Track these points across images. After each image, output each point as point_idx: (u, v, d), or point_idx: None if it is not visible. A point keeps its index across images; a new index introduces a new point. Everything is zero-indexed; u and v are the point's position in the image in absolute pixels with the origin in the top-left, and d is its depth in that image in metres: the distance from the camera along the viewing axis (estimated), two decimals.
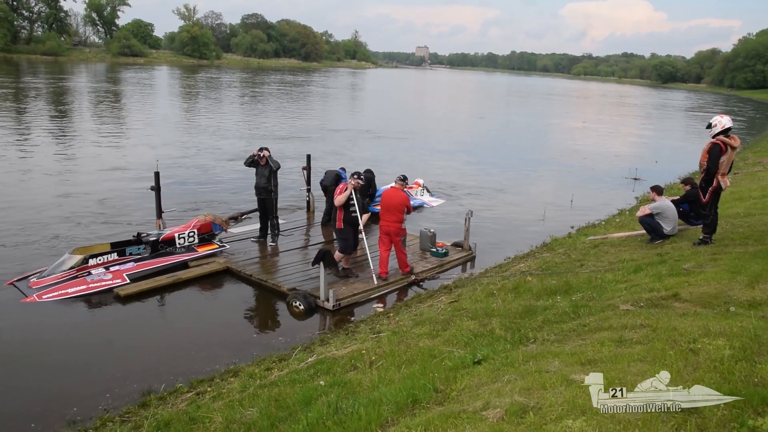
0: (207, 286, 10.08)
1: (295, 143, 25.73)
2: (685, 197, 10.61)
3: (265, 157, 11.30)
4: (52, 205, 14.22)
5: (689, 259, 7.88)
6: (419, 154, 25.45)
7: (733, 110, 63.53)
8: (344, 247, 10.00)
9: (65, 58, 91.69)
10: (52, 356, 7.41)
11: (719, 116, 8.66)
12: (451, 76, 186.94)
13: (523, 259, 11.45)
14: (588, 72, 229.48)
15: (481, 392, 4.20)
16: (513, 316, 6.68)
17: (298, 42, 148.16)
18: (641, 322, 5.14)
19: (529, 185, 20.53)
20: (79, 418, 6.01)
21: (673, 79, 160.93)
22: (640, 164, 23.67)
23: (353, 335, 7.80)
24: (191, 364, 7.29)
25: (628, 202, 17.25)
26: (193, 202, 15.11)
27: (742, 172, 20.02)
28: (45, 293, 9.02)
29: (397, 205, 10.02)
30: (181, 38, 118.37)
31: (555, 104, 70.87)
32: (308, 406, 4.96)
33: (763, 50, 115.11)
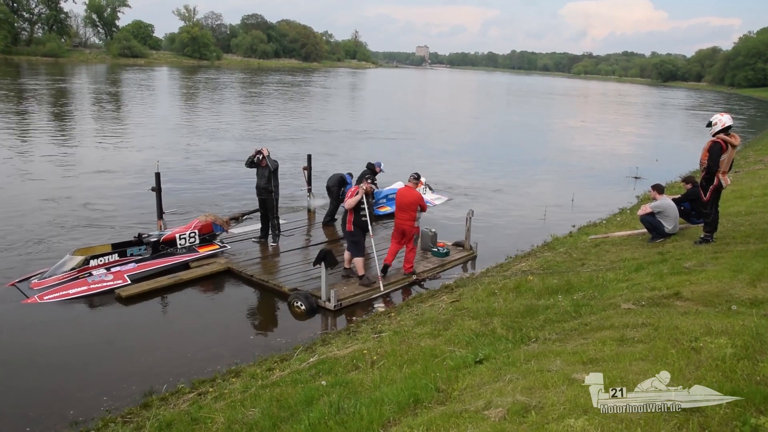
0: (208, 286, 10.08)
1: (288, 144, 25.75)
2: (687, 196, 10.59)
3: (264, 157, 11.31)
4: (50, 207, 14.23)
5: (690, 258, 7.87)
6: (417, 153, 25.39)
7: (734, 108, 63.46)
8: (357, 251, 9.92)
9: (66, 60, 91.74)
10: (53, 357, 7.41)
11: (719, 114, 8.66)
12: (451, 75, 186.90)
13: (524, 259, 11.44)
14: (588, 71, 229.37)
15: (482, 392, 4.20)
16: (514, 315, 6.68)
17: (298, 42, 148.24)
18: (643, 321, 5.13)
19: (529, 185, 20.51)
20: (80, 419, 6.01)
21: (674, 78, 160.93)
22: (641, 163, 23.65)
23: (355, 335, 7.80)
24: (193, 364, 7.29)
25: (629, 201, 17.24)
26: (193, 203, 15.12)
27: (743, 170, 20.01)
28: (46, 294, 9.03)
29: (410, 203, 10.08)
30: (181, 39, 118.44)
31: (555, 103, 70.86)
32: (310, 406, 4.96)
33: (764, 48, 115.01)
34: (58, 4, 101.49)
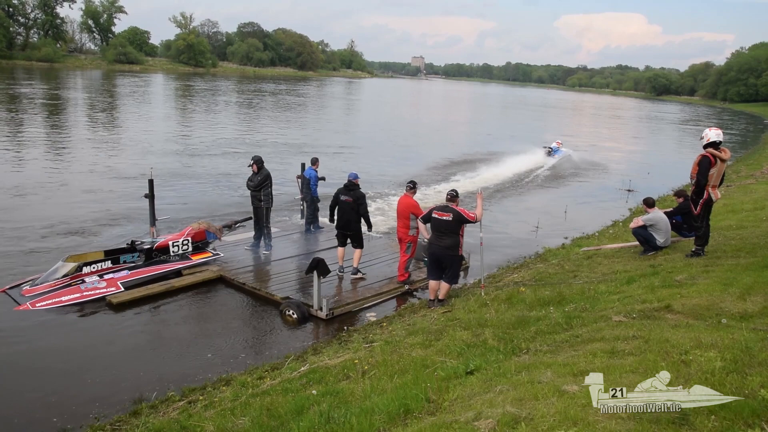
0: (200, 294, 10.04)
1: (273, 155, 25.76)
2: (679, 209, 10.66)
3: (254, 163, 11.49)
4: (41, 214, 14.17)
5: (682, 271, 7.91)
6: (405, 165, 25.28)
7: (726, 123, 64.02)
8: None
9: (61, 65, 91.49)
10: (42, 363, 7.36)
11: (708, 129, 8.77)
12: (446, 86, 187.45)
13: (516, 270, 11.47)
14: (583, 84, 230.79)
15: (473, 402, 4.20)
16: (506, 326, 6.69)
17: (294, 51, 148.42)
18: (634, 334, 5.15)
19: (522, 196, 20.56)
20: (69, 426, 5.97)
21: (667, 92, 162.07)
22: (634, 176, 23.80)
23: (346, 344, 7.79)
24: (183, 372, 7.26)
25: (621, 214, 17.33)
26: (186, 210, 15.10)
27: (734, 184, 20.14)
28: (39, 301, 8.96)
29: (402, 210, 10.10)
30: (177, 46, 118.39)
31: (548, 116, 71.14)
32: (300, 415, 4.94)
33: (756, 64, 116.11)
34: (54, 9, 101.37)
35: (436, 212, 8.70)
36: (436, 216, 8.68)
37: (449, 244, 8.68)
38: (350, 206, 10.44)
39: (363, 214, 10.58)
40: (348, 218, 10.54)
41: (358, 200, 10.43)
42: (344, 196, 10.47)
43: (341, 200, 10.52)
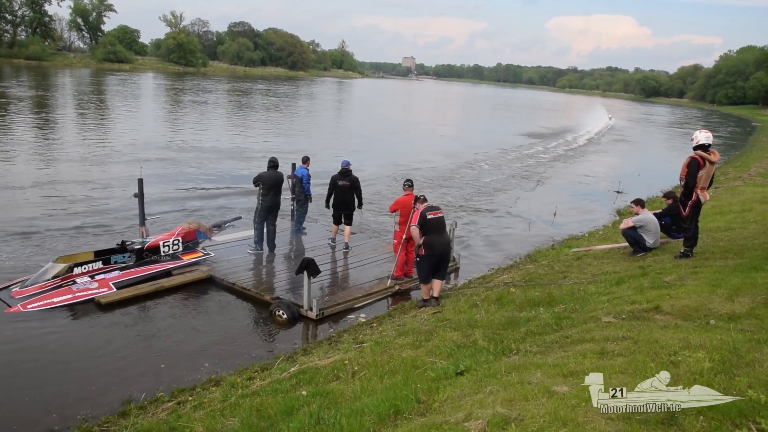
0: (190, 294, 9.99)
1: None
2: (668, 211, 10.72)
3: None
4: (30, 215, 14.06)
5: (671, 272, 7.96)
6: (390, 166, 25.30)
7: (714, 125, 64.45)
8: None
9: (49, 63, 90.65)
10: (29, 364, 7.29)
11: (698, 131, 8.83)
12: (437, 87, 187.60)
13: (506, 271, 11.50)
14: (573, 85, 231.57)
15: (463, 403, 4.20)
16: (496, 327, 6.70)
17: (285, 51, 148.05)
18: (623, 335, 5.18)
19: (512, 198, 20.60)
20: (57, 428, 5.93)
21: (657, 94, 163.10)
22: (623, 177, 23.92)
23: (336, 345, 7.78)
24: (172, 373, 7.22)
25: (611, 215, 17.41)
26: (176, 210, 15.03)
27: (723, 186, 20.29)
28: (30, 303, 8.86)
29: (410, 210, 10.10)
30: (167, 45, 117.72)
31: (540, 117, 71.39)
32: (290, 416, 4.93)
33: (743, 67, 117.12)
34: (43, 7, 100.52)
35: (430, 213, 8.72)
36: (431, 216, 8.71)
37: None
38: (348, 189, 11.90)
39: (359, 194, 12.14)
40: (346, 199, 12.01)
41: (354, 183, 11.97)
42: (341, 181, 11.89)
43: (339, 185, 11.90)
